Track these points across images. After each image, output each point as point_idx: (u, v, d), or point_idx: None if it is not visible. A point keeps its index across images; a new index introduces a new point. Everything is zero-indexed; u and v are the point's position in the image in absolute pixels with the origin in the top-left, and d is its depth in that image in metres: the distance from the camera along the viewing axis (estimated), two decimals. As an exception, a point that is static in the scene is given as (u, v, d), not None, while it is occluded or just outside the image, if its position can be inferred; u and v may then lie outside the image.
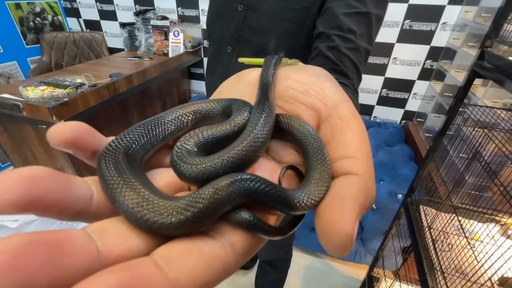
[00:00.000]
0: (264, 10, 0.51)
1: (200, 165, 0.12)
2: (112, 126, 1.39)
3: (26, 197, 0.09)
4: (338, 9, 0.40)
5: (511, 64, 0.59)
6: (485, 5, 1.25)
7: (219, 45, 0.59)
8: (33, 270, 0.08)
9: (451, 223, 0.84)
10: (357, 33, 0.39)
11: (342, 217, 0.11)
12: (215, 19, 0.60)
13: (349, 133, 0.14)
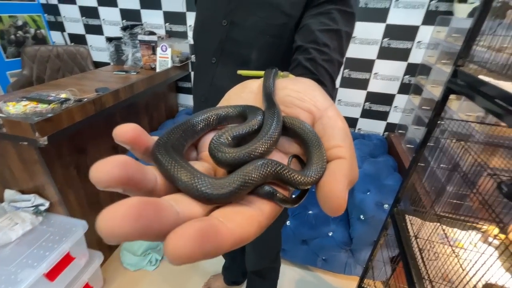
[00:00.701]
0: (246, 25, 0.55)
1: (232, 154, 0.16)
2: (98, 142, 1.36)
3: (123, 176, 0.13)
4: (313, 26, 0.45)
5: (480, 82, 0.64)
6: (455, 26, 1.36)
7: (204, 56, 0.63)
8: (149, 219, 0.11)
9: (435, 232, 0.87)
10: (331, 47, 0.44)
11: (337, 188, 0.15)
12: (200, 32, 0.64)
13: (337, 129, 0.18)
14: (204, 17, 0.62)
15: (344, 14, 0.46)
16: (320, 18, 0.46)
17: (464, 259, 0.79)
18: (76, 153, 1.23)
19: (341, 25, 0.45)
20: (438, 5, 1.49)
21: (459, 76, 0.72)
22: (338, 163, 0.16)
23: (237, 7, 0.55)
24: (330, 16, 0.45)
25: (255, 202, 0.16)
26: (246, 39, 0.56)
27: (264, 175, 0.15)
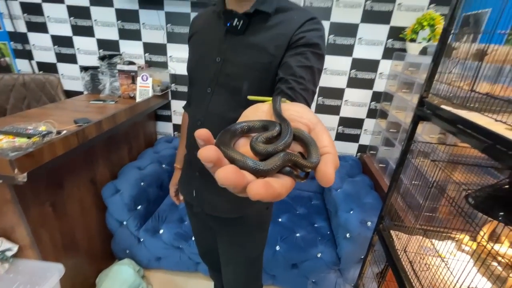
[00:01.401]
0: (237, 62, 0.64)
1: (265, 149, 0.24)
2: (75, 175, 1.27)
3: (218, 157, 0.21)
4: (292, 63, 0.57)
5: (441, 110, 0.77)
6: (409, 61, 1.58)
7: (200, 87, 0.72)
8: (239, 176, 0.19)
9: (419, 245, 0.95)
10: (306, 79, 0.56)
11: (328, 170, 0.22)
12: (196, 66, 0.73)
13: (325, 136, 0.27)
14: (200, 54, 0.72)
15: (315, 55, 0.58)
16: (298, 57, 0.58)
17: (448, 267, 0.88)
18: (52, 188, 1.15)
19: (314, 63, 0.58)
20: (394, 43, 1.74)
21: (425, 105, 0.85)
22: (327, 156, 0.24)
23: (229, 47, 0.65)
24: (305, 56, 0.57)
25: (281, 177, 0.23)
26: (237, 73, 0.65)
27: (287, 161, 0.23)
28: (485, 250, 0.92)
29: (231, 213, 0.79)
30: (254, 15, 0.61)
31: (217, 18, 0.68)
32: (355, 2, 1.67)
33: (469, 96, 0.70)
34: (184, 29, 1.86)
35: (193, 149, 0.79)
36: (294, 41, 0.59)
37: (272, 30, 0.61)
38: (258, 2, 0.61)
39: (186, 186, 0.86)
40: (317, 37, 0.58)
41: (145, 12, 1.84)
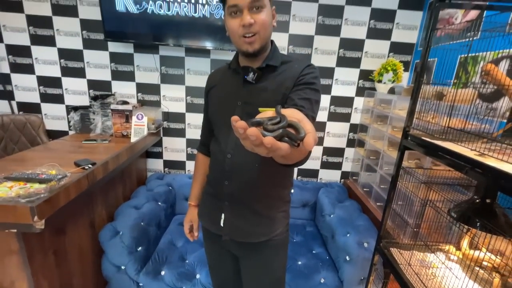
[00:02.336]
0: (255, 103, 0.77)
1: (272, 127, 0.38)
2: (77, 219, 1.22)
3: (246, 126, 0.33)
4: (294, 97, 0.71)
5: (422, 140, 0.96)
6: (379, 98, 1.87)
7: (226, 127, 0.82)
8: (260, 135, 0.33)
9: (415, 258, 1.08)
10: (306, 107, 0.69)
11: (310, 140, 0.34)
12: (220, 110, 0.86)
13: (308, 124, 0.38)
14: (223, 101, 0.85)
15: (312, 90, 0.74)
16: (298, 92, 0.73)
17: (442, 275, 1.01)
18: (56, 235, 1.09)
19: (311, 96, 0.72)
20: (364, 83, 2.04)
21: (409, 137, 1.04)
22: (309, 133, 0.35)
23: (247, 93, 0.79)
24: (304, 91, 0.73)
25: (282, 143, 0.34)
26: (255, 112, 0.77)
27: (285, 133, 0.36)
28: (469, 257, 1.08)
29: (260, 237, 0.85)
30: (264, 68, 0.78)
31: (232, 73, 0.84)
32: (331, 50, 1.97)
33: (445, 130, 0.90)
34: (178, 71, 1.98)
35: (220, 182, 0.84)
36: (297, 82, 0.75)
37: (280, 76, 0.78)
38: (268, 58, 0.79)
39: (211, 218, 0.90)
40: (312, 78, 0.75)
41: (139, 56, 1.94)
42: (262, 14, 0.71)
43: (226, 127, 0.82)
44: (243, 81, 0.79)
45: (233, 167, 0.81)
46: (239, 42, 0.74)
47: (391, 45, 1.95)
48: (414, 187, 1.21)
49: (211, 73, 0.95)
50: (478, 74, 1.32)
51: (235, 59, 0.85)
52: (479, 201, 0.99)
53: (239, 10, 0.71)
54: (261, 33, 0.73)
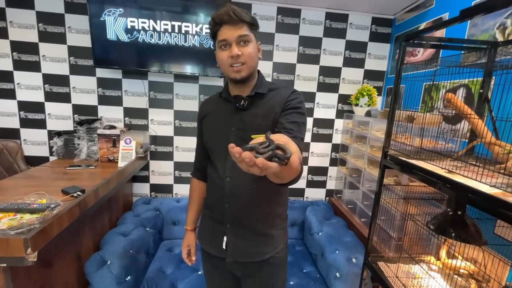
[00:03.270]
0: (248, 128, 0.83)
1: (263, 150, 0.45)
2: (63, 251, 1.17)
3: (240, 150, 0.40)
4: (283, 120, 0.79)
5: (399, 160, 1.07)
6: (357, 120, 2.03)
7: (222, 152, 0.87)
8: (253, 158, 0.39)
9: (400, 270, 1.16)
10: (294, 130, 0.76)
11: (295, 159, 0.44)
12: (216, 137, 0.90)
13: (293, 146, 0.47)
14: (217, 128, 0.90)
15: (298, 114, 0.81)
16: (286, 116, 0.80)
17: (426, 285, 1.09)
18: (43, 268, 1.04)
19: (298, 119, 0.80)
20: (343, 106, 2.21)
21: (388, 157, 1.15)
22: (294, 154, 0.43)
23: (239, 119, 0.85)
24: (291, 115, 0.80)
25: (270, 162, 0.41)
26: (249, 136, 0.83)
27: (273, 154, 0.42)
28: (447, 266, 1.17)
29: (264, 255, 0.88)
30: (254, 96, 0.86)
31: (224, 101, 0.91)
32: (311, 76, 2.13)
33: (418, 150, 1.02)
34: (167, 95, 2.03)
35: (220, 205, 0.87)
36: (284, 107, 0.83)
37: (268, 103, 0.85)
38: (256, 87, 0.86)
39: (213, 241, 0.92)
40: (298, 102, 0.83)
41: (128, 81, 1.97)
42: (249, 47, 0.80)
43: (223, 152, 0.87)
44: (235, 109, 0.86)
45: (232, 190, 0.85)
46: (228, 71, 0.82)
47: (365, 72, 2.16)
48: (394, 202, 1.32)
49: (203, 102, 1.00)
50: (441, 100, 1.51)
51: (226, 89, 0.91)
52: (451, 213, 1.10)
53: (228, 44, 0.79)
54: (248, 63, 0.80)
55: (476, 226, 1.01)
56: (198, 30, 1.79)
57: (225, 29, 0.78)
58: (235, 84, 0.86)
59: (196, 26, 1.78)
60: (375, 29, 2.09)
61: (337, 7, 2.02)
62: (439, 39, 1.17)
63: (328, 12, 2.04)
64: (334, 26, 2.06)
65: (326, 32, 2.06)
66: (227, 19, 0.76)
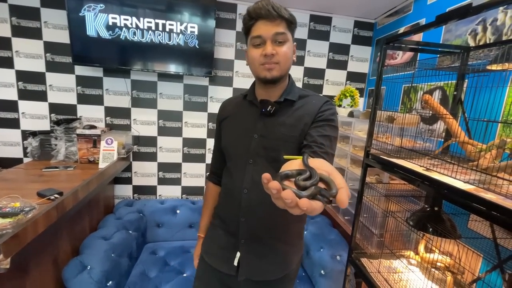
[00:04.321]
0: (272, 137, 0.78)
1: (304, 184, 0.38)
2: (40, 256, 1.11)
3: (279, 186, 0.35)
4: (314, 133, 0.73)
5: (380, 159, 1.11)
6: (341, 120, 2.08)
7: (241, 160, 0.81)
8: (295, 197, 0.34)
9: (382, 265, 1.20)
10: (325, 145, 0.71)
11: (344, 197, 0.35)
12: (235, 143, 0.84)
13: (339, 178, 0.39)
14: (238, 133, 0.84)
15: (331, 127, 0.75)
16: (318, 129, 0.74)
17: (406, 279, 1.13)
18: (17, 276, 0.98)
19: (330, 133, 0.74)
20: (327, 107, 2.25)
21: (370, 156, 1.19)
22: (342, 189, 0.36)
23: (264, 126, 0.78)
24: (323, 128, 0.74)
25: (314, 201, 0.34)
26: (273, 145, 0.77)
27: (317, 191, 0.36)
28: (425, 260, 1.22)
29: (279, 273, 0.82)
30: (283, 102, 0.79)
31: (249, 105, 0.84)
32: (296, 77, 2.16)
33: (398, 149, 1.06)
34: (150, 95, 1.98)
35: (236, 218, 0.80)
36: (316, 118, 0.76)
37: (297, 111, 0.78)
38: (286, 92, 0.79)
39: (223, 257, 0.83)
40: (331, 114, 0.76)
41: (109, 80, 1.91)
42: (284, 47, 0.73)
43: (242, 160, 0.80)
44: (260, 114, 0.79)
45: (250, 203, 0.78)
46: (258, 69, 0.75)
47: (348, 74, 2.22)
48: (376, 200, 1.36)
49: (224, 103, 0.94)
50: (419, 102, 1.58)
51: (252, 91, 0.84)
52: (429, 210, 1.15)
53: (262, 42, 0.72)
54: (282, 64, 0.74)
55: (451, 221, 1.06)
56: (183, 29, 1.77)
57: (261, 24, 0.71)
58: (264, 85, 0.78)
59: (181, 24, 1.76)
60: (357, 32, 2.16)
61: (321, 10, 2.06)
62: (417, 43, 1.23)
63: (312, 15, 2.07)
64: (318, 28, 2.10)
65: (310, 34, 2.10)
66: (264, 13, 0.70)
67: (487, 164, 0.80)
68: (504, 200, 0.67)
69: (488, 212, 0.68)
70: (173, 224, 1.94)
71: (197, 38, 1.79)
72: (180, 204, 2.03)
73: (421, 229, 1.10)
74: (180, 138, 2.08)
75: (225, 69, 2.05)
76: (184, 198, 2.19)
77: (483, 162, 0.81)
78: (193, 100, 2.04)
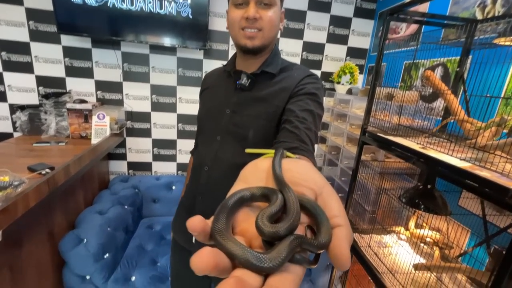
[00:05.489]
0: (245, 113, 0.70)
1: (275, 229, 0.21)
2: (33, 230, 1.11)
3: (217, 264, 0.18)
4: (294, 108, 0.63)
5: (377, 136, 1.10)
6: (338, 98, 2.04)
7: (209, 135, 0.76)
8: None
9: (372, 240, 1.23)
10: (308, 120, 0.60)
11: (343, 251, 0.20)
12: (206, 117, 0.80)
13: (334, 202, 0.24)
14: (210, 106, 0.78)
15: (314, 102, 0.65)
16: (299, 103, 0.64)
17: (395, 253, 1.17)
18: (11, 249, 0.99)
19: (313, 108, 0.63)
20: (325, 84, 2.20)
21: (367, 134, 1.17)
22: (340, 230, 0.21)
23: (238, 101, 0.72)
24: (305, 102, 0.64)
25: (290, 267, 0.20)
26: (244, 122, 0.70)
27: (295, 247, 0.20)
28: (415, 235, 1.26)
29: None
30: (260, 74, 0.70)
31: (227, 76, 0.77)
32: (295, 52, 2.07)
33: (396, 127, 1.04)
34: (142, 68, 1.90)
35: (194, 195, 0.78)
36: (295, 92, 0.66)
37: (276, 85, 0.70)
38: (265, 64, 0.71)
39: (183, 233, 0.82)
40: (315, 89, 0.66)
41: (98, 51, 1.81)
42: (270, 11, 0.64)
43: (210, 136, 0.76)
44: (235, 88, 0.72)
45: (209, 181, 0.74)
46: (238, 35, 0.67)
47: (348, 49, 2.14)
48: (370, 178, 1.37)
49: (207, 74, 0.88)
50: (419, 79, 1.54)
51: (231, 61, 0.77)
52: (422, 187, 1.16)
53: (245, 1, 0.64)
54: (266, 31, 0.66)
55: (443, 198, 1.07)
56: (175, -4, 1.65)
57: None
58: (243, 54, 0.71)
59: (172, -9, 1.64)
60: (360, 4, 2.04)
61: (322, -22, 1.93)
62: (422, 15, 1.16)
63: (313, -17, 1.95)
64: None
65: (310, 5, 1.99)
66: None
67: (485, 142, 0.78)
68: (499, 177, 0.66)
69: (481, 189, 0.68)
70: (168, 199, 1.95)
71: (190, 7, 1.68)
72: (176, 180, 2.04)
73: (413, 206, 1.11)
74: (174, 114, 2.03)
75: (221, 41, 1.95)
76: (180, 174, 2.19)
77: (481, 140, 0.80)
78: (187, 75, 1.97)
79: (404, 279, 0.99)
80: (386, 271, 1.04)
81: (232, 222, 0.25)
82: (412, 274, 1.00)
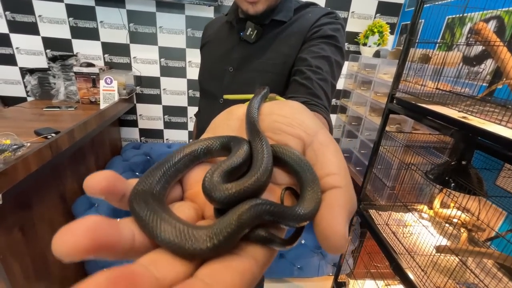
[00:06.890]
0: (250, 68, 0.61)
1: (227, 191, 0.14)
2: (43, 193, 1.13)
3: (94, 244, 0.11)
4: (307, 55, 0.53)
5: (407, 103, 0.94)
6: (363, 62, 1.82)
7: (212, 98, 0.67)
8: None
9: (391, 218, 1.14)
10: (323, 70, 0.50)
11: (336, 223, 0.13)
12: (208, 77, 0.69)
13: (329, 155, 0.17)
14: (211, 64, 0.68)
15: (331, 46, 0.54)
16: (312, 49, 0.54)
17: (415, 233, 1.07)
18: (20, 210, 1.00)
19: (330, 53, 0.53)
20: (349, 46, 1.96)
21: (396, 101, 1.02)
22: (333, 194, 0.15)
23: (241, 56, 0.63)
24: (319, 47, 0.53)
25: (247, 249, 0.14)
26: (250, 80, 0.61)
27: (256, 217, 0.13)
28: (440, 215, 1.14)
29: None
30: (268, 24, 0.60)
31: (229, 27, 0.66)
32: (316, 8, 1.83)
33: (432, 93, 0.88)
34: (149, 28, 1.77)
35: None
36: (308, 36, 0.56)
37: (285, 31, 0.59)
38: (275, 12, 0.59)
39: None
40: (333, 30, 0.55)
41: (103, 10, 1.69)
42: None
43: (211, 99, 0.68)
44: (239, 39, 0.62)
45: None
46: None
47: (379, 4, 1.85)
48: (394, 151, 1.23)
49: (209, 23, 0.76)
50: (464, 36, 1.30)
51: (234, 8, 0.65)
52: (454, 163, 1.02)
53: None
54: None
55: (479, 177, 0.93)
56: None
57: None
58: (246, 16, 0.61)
59: None
60: None
61: None
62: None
63: None
64: None
65: (337, -50, 1.70)
66: None
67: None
68: None
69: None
70: (180, 168, 1.94)
71: (197, -46, 1.48)
72: (187, 148, 2.00)
73: (442, 184, 0.99)
74: (184, 79, 1.93)
75: (233, -3, 1.75)
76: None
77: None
78: (196, 36, 1.82)
79: (424, 261, 0.90)
80: (404, 252, 0.95)
81: (179, 184, 0.19)
82: (433, 256, 0.91)
